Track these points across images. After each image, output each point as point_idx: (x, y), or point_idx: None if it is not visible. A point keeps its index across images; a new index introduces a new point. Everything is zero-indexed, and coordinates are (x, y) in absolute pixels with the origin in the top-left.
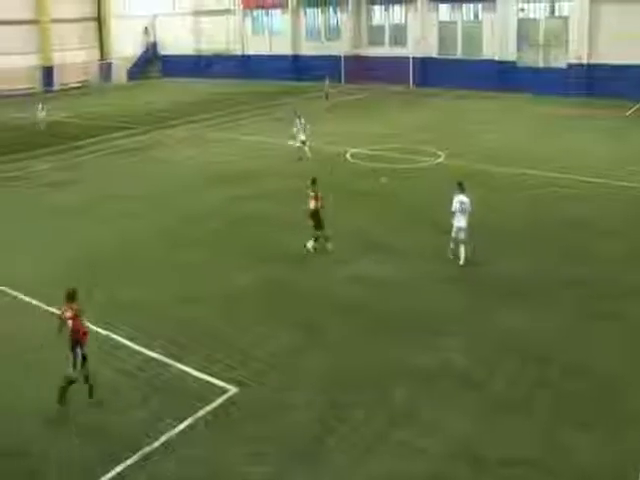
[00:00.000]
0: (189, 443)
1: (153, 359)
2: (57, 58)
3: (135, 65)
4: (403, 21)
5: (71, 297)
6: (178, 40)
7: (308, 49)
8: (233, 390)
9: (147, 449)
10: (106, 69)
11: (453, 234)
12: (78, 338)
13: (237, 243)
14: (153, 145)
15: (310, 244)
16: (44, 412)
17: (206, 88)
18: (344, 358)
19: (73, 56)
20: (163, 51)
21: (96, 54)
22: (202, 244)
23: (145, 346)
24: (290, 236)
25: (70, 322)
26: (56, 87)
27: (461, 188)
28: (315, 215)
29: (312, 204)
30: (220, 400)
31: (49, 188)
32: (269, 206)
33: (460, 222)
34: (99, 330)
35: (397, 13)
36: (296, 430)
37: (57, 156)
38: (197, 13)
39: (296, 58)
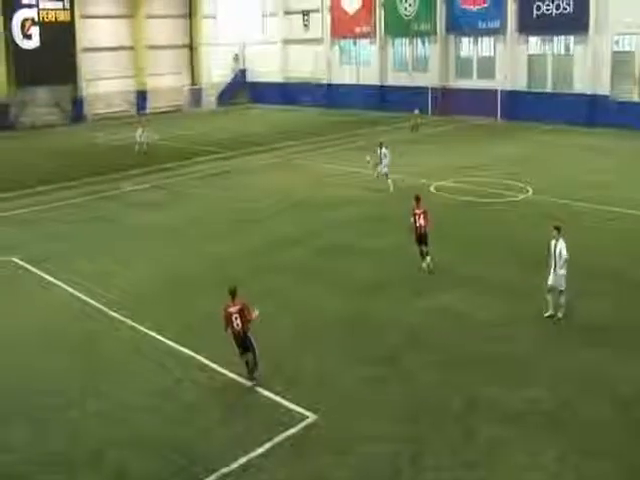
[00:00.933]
0: (266, 468)
1: (234, 381)
2: (150, 83)
3: (224, 91)
4: (492, 53)
5: (233, 294)
6: (266, 68)
7: (395, 80)
8: (312, 417)
9: (225, 470)
10: (196, 94)
11: (550, 282)
12: (245, 330)
13: (319, 271)
14: (240, 170)
15: (425, 262)
16: (128, 426)
17: (293, 115)
18: (424, 392)
19: (165, 81)
20: (251, 78)
21: (187, 80)
22: (286, 270)
23: (227, 368)
24: (371, 265)
25: (237, 316)
26: (149, 110)
27: (558, 232)
28: (424, 232)
29: (421, 221)
30: (299, 427)
31: (140, 209)
32: (351, 235)
33: (558, 270)
34: (183, 349)
35: (486, 45)
36: (374, 462)
37: (148, 177)
38: (286, 41)
39: (383, 88)
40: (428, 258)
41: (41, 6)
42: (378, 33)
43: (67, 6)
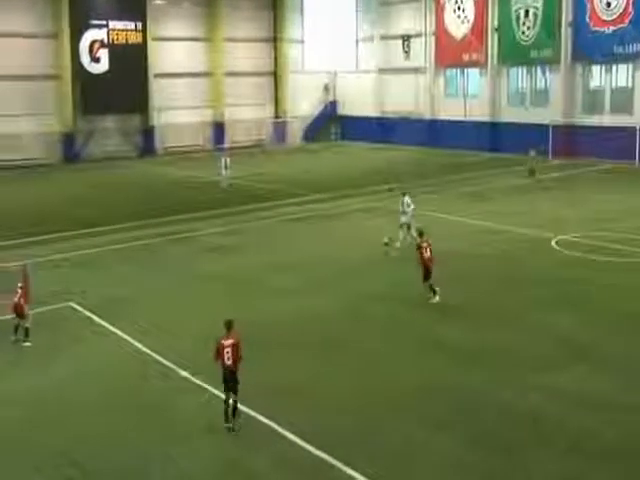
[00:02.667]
0: None
1: (318, 458)
2: (229, 114)
3: (311, 126)
4: (629, 83)
5: (229, 327)
6: (360, 100)
7: (509, 115)
8: None
9: None
10: (280, 129)
11: None
12: (235, 367)
13: (416, 334)
14: (326, 215)
15: (436, 299)
16: None
17: (388, 155)
18: None
19: (246, 113)
20: (343, 111)
21: (270, 111)
22: (376, 331)
23: (308, 441)
24: (475, 332)
25: (229, 350)
26: (226, 145)
27: None
28: (428, 266)
29: (427, 254)
30: None
31: (212, 253)
32: (452, 293)
33: None
34: (260, 417)
35: (622, 74)
36: None
37: (224, 219)
38: (383, 71)
39: (494, 126)
40: (437, 297)
41: (111, 26)
42: (490, 61)
43: (139, 27)
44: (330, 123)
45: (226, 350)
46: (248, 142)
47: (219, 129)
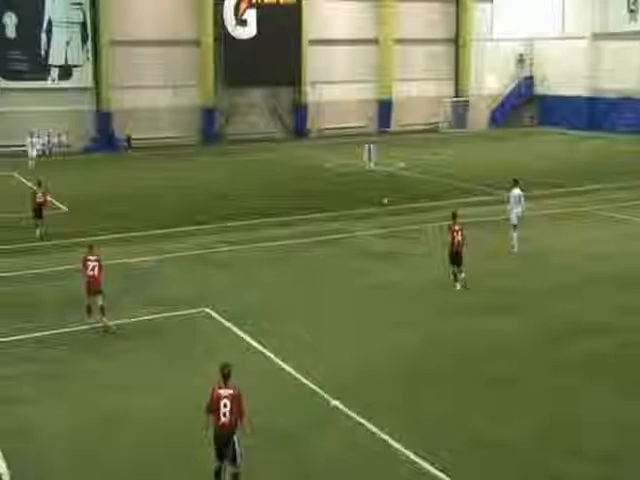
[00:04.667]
0: None
1: None
2: (398, 90)
3: (501, 107)
4: None
5: (226, 374)
6: (565, 75)
7: None
8: None
9: None
10: (461, 110)
11: None
12: (234, 427)
13: (624, 373)
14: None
15: (460, 279)
16: None
17: (600, 146)
18: None
19: (419, 89)
20: (542, 90)
21: (449, 89)
22: (574, 367)
23: None
24: None
25: (228, 403)
26: (394, 128)
27: None
28: (460, 250)
29: (459, 237)
30: None
31: (371, 260)
32: None
33: None
34: (425, 465)
35: None
36: None
37: (381, 219)
38: (598, 37)
39: None
40: (463, 274)
41: None
42: None
43: None
44: (525, 104)
45: (223, 402)
46: (420, 125)
47: (385, 108)
